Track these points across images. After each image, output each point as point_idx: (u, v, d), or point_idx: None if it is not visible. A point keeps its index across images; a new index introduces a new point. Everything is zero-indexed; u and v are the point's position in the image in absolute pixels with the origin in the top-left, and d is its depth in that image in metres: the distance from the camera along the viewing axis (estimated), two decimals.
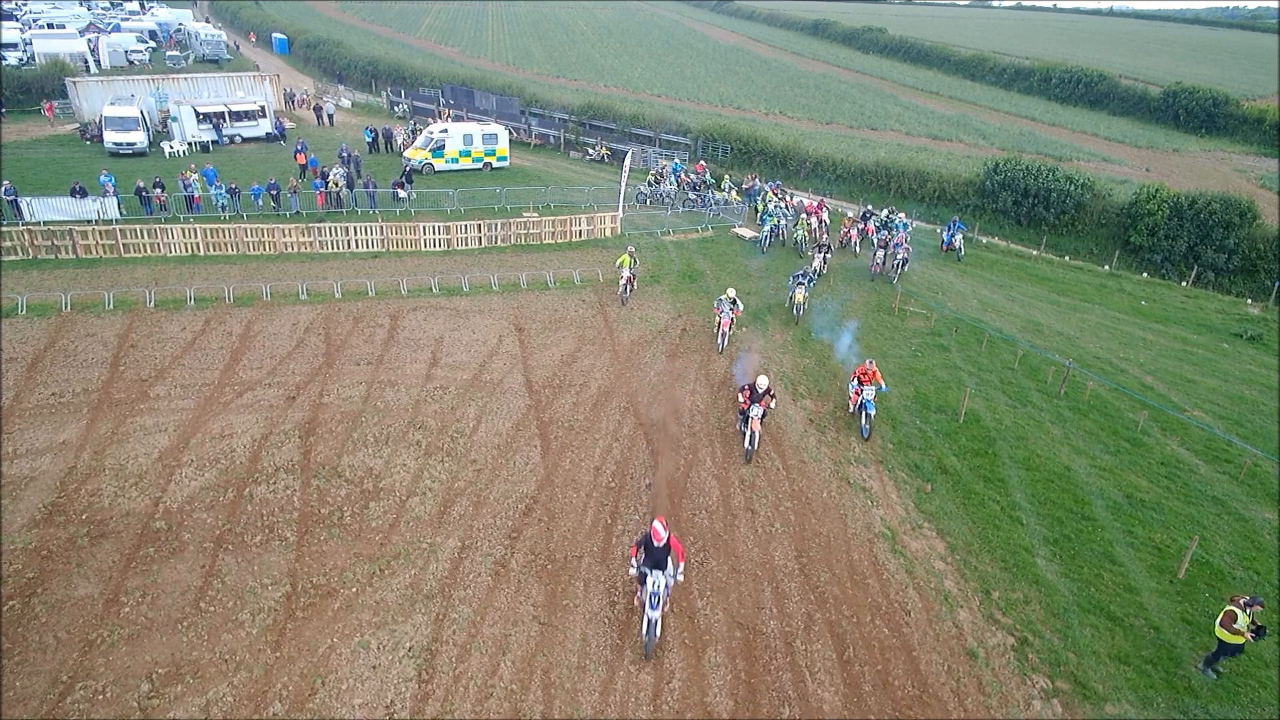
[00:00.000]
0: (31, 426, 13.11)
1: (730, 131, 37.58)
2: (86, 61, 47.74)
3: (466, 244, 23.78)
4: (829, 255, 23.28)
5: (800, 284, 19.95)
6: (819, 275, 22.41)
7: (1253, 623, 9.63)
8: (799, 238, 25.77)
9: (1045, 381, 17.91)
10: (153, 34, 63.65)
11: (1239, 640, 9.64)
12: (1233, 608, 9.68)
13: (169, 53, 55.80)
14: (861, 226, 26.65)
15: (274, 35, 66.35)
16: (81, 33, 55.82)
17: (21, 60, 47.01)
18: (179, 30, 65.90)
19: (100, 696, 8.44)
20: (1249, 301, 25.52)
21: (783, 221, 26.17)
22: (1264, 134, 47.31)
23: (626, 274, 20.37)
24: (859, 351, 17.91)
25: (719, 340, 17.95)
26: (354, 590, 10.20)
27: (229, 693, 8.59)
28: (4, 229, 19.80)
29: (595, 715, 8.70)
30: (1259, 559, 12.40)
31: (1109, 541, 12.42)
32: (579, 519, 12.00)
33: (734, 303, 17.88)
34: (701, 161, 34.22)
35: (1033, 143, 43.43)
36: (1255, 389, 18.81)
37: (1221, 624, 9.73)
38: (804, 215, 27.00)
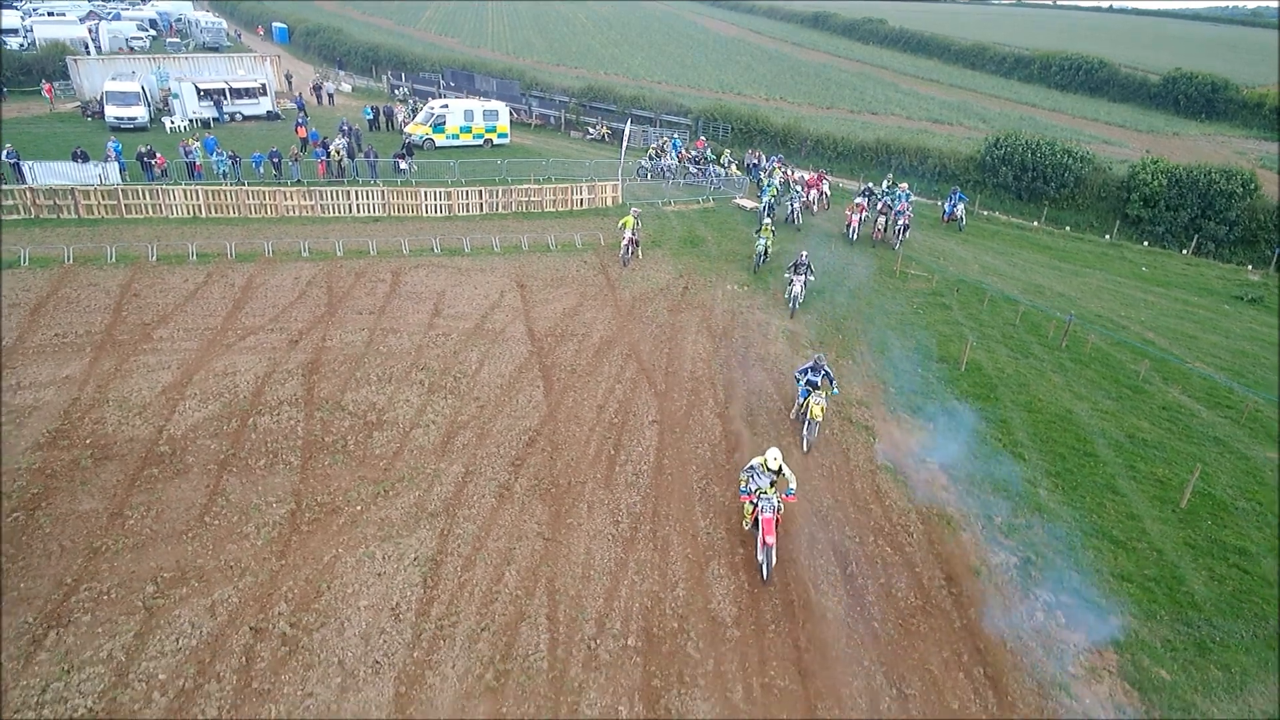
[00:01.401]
0: (34, 363, 13.15)
1: (731, 112, 37.67)
2: (87, 47, 47.74)
3: (468, 210, 23.82)
4: (810, 278, 17.97)
5: (812, 385, 12.64)
6: (799, 304, 17.71)
7: None
8: (761, 249, 20.30)
9: (1046, 336, 17.97)
10: (153, 23, 63.74)
11: None
12: None
13: (169, 40, 55.91)
14: (860, 205, 24.07)
15: (274, 24, 66.48)
16: (81, 20, 55.88)
17: (22, 45, 47.09)
18: (179, 20, 66.00)
19: (105, 597, 8.47)
20: (1249, 268, 25.58)
21: (795, 203, 24.75)
22: (1264, 118, 47.42)
23: (629, 235, 20.37)
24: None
25: (762, 561, 9.57)
26: (358, 508, 10.24)
27: (234, 594, 8.62)
28: (5, 188, 19.82)
29: (600, 618, 8.74)
30: (1261, 492, 12.44)
31: (1111, 475, 12.46)
32: (582, 450, 12.04)
33: (779, 475, 9.80)
34: (702, 138, 34.28)
35: (1033, 126, 43.45)
36: (1257, 345, 18.87)
37: None
38: (800, 191, 26.80)
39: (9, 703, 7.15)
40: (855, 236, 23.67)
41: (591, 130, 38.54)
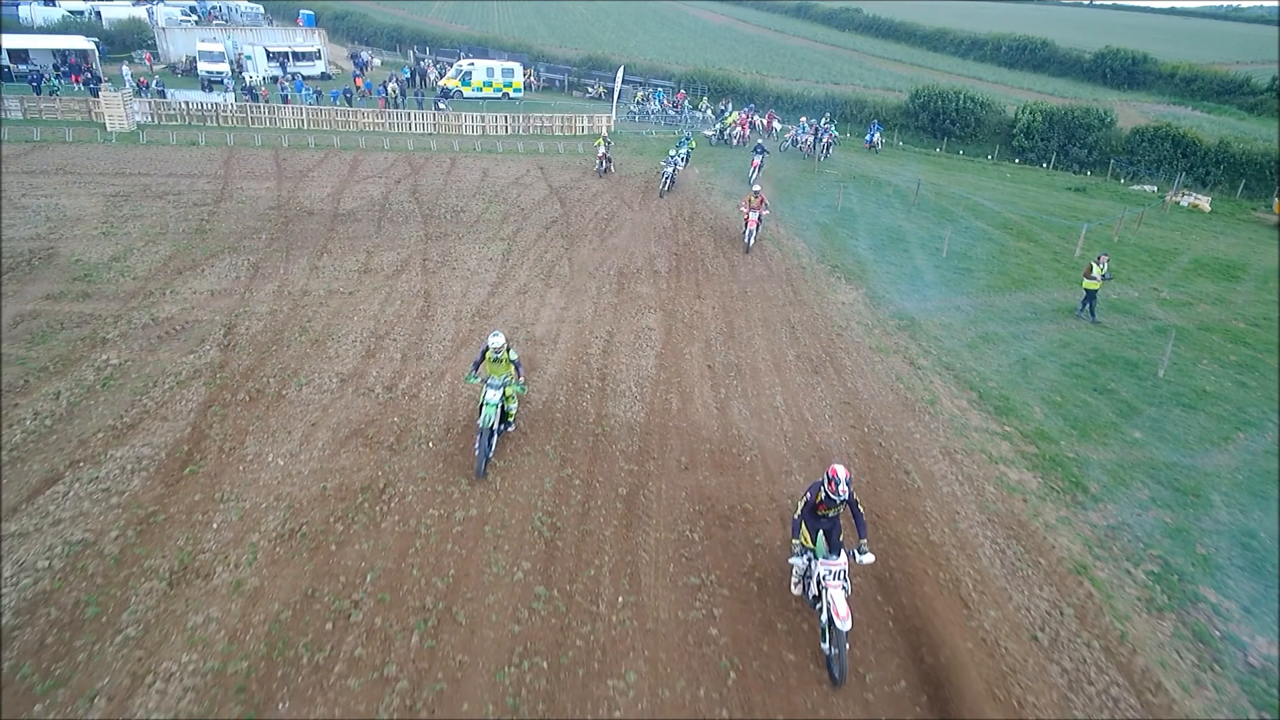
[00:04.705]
0: (244, 182, 21.90)
1: (708, 75, 46.60)
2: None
3: (497, 130, 32.63)
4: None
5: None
6: None
7: (1103, 272, 16.25)
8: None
9: (908, 199, 26.68)
10: (193, 9, 72.95)
11: (1096, 286, 15.98)
12: (1090, 262, 16.34)
13: (213, 23, 64.93)
14: (759, 197, 22.91)
15: (301, 11, 75.60)
16: (136, 3, 65.03)
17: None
18: (215, 8, 75.22)
19: (341, 249, 17.11)
20: (1088, 174, 34.35)
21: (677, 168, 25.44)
22: (1175, 86, 56.41)
23: (602, 151, 28.20)
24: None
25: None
26: (460, 235, 18.91)
27: (406, 253, 17.28)
28: (166, 101, 28.65)
29: (596, 267, 17.37)
30: (1003, 256, 21.05)
31: (908, 246, 21.13)
32: (585, 226, 20.71)
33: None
34: (682, 91, 43.16)
35: None
36: (1059, 208, 27.59)
37: (1084, 274, 16.44)
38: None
39: (322, 266, 15.83)
40: (753, 241, 19.70)
41: (590, 90, 47.44)
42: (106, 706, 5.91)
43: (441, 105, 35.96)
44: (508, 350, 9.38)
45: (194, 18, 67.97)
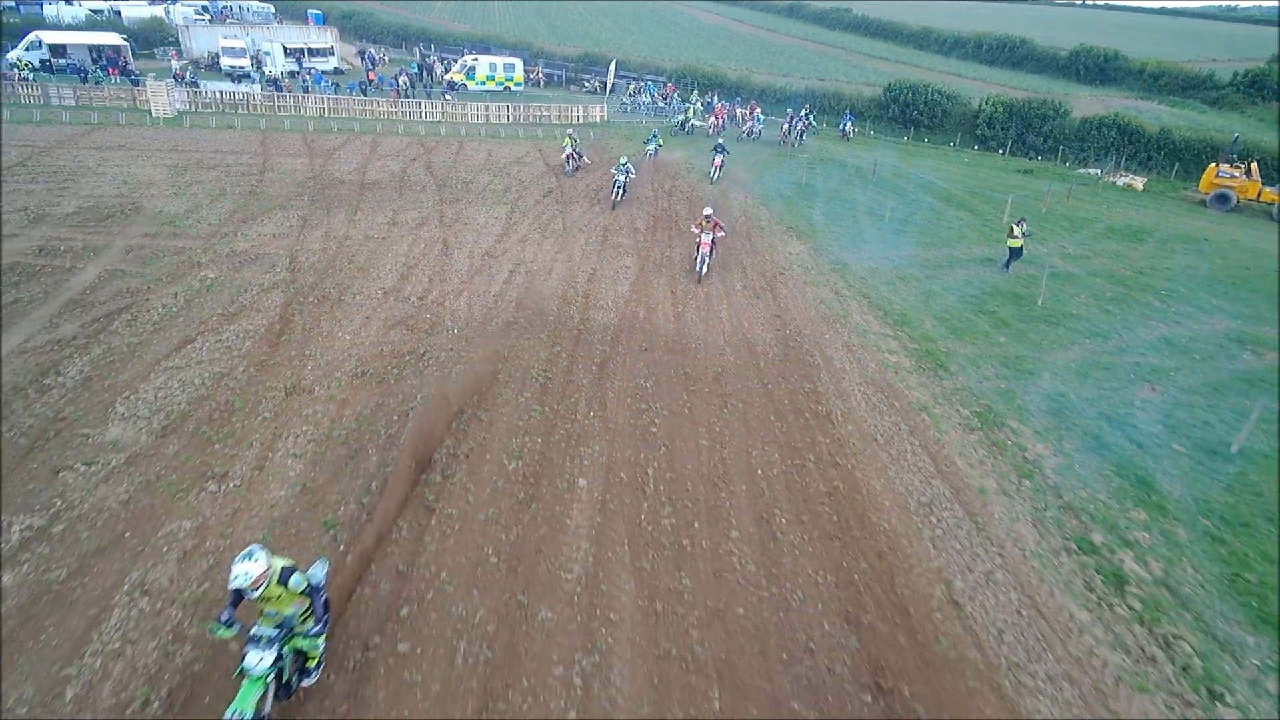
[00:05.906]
0: (282, 158, 25.45)
1: (697, 70, 50.20)
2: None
3: (500, 119, 36.21)
4: None
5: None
6: None
7: (1023, 231, 20.12)
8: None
9: (866, 177, 30.24)
10: (205, 8, 76.67)
11: (1019, 244, 20.16)
12: (1011, 224, 20.31)
13: (226, 21, 68.62)
14: (712, 219, 26.67)
15: (309, 10, 79.31)
16: (151, 2, 68.75)
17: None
18: (226, 7, 78.92)
19: (372, 207, 20.64)
20: (1039, 158, 37.92)
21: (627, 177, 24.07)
22: (1144, 82, 59.97)
23: (568, 150, 28.90)
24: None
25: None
26: (470, 200, 22.46)
27: (426, 211, 20.81)
28: (199, 89, 32.25)
29: (586, 227, 20.91)
30: (938, 221, 24.56)
31: (857, 213, 24.66)
32: (578, 195, 24.27)
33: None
34: (671, 84, 46.77)
35: None
36: (1004, 186, 31.11)
37: (1008, 235, 20.30)
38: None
39: (358, 220, 19.37)
40: (705, 269, 17.65)
41: (587, 84, 51.05)
42: (260, 447, 9.44)
43: (448, 97, 39.51)
44: (285, 579, 5.74)
45: (207, 16, 71.80)
